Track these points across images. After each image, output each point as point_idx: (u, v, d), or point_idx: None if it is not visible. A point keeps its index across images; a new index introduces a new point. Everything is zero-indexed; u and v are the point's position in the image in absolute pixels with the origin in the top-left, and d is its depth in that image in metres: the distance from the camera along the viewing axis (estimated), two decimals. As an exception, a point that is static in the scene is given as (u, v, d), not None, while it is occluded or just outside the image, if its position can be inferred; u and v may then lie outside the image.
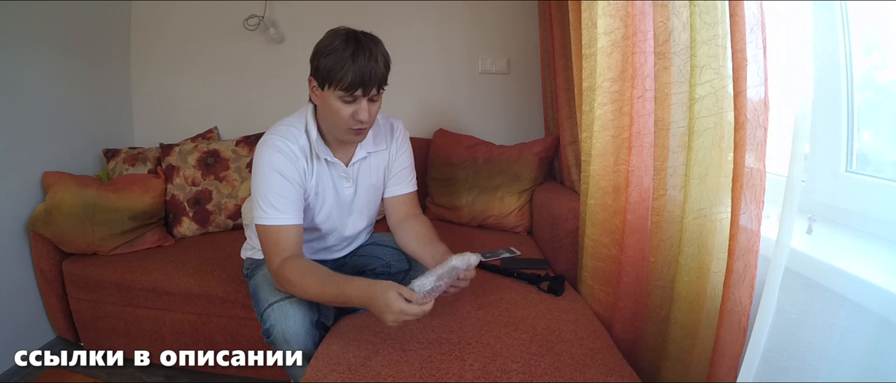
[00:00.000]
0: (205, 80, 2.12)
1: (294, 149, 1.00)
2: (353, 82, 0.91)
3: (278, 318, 0.97)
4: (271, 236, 0.98)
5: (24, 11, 1.57)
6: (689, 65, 0.83)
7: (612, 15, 0.99)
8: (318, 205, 1.08)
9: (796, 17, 1.04)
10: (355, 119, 0.96)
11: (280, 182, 0.98)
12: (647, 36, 0.93)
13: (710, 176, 0.84)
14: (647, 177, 0.98)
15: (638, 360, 1.08)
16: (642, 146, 0.97)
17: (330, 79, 0.92)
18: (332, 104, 0.95)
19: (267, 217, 0.97)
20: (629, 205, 1.00)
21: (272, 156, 0.98)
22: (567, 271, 1.35)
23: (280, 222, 0.97)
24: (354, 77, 0.90)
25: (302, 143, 1.02)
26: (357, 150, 1.09)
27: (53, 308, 1.58)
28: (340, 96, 0.93)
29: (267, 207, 0.97)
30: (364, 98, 0.94)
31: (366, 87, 0.92)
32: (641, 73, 0.94)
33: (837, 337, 0.67)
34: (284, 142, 1.00)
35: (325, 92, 0.95)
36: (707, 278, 0.85)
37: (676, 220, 0.92)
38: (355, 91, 0.92)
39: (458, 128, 2.04)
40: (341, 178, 1.09)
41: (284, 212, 0.98)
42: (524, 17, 1.98)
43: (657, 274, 0.98)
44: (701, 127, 0.83)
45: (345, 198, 1.12)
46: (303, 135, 1.03)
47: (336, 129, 1.00)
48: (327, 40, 0.94)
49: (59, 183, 1.58)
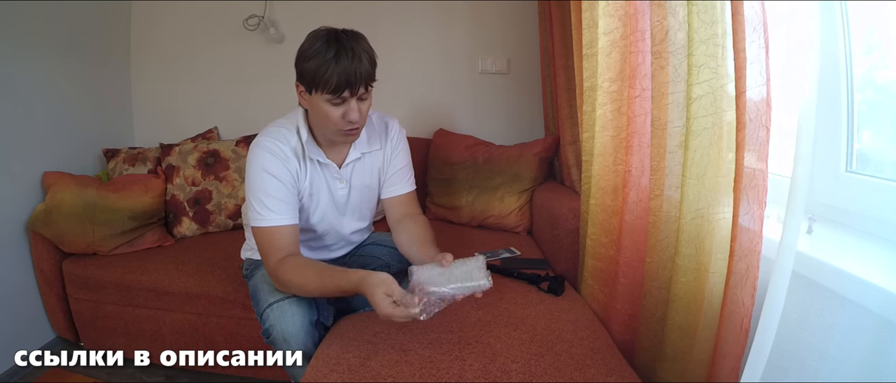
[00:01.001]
0: (205, 80, 2.12)
1: (285, 150, 1.00)
2: (339, 84, 0.90)
3: (277, 318, 0.96)
4: (267, 237, 0.98)
5: (24, 11, 1.57)
6: (686, 64, 0.83)
7: (611, 15, 0.99)
8: (312, 207, 1.08)
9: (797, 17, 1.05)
10: (346, 120, 0.95)
11: (272, 183, 0.98)
12: (644, 35, 0.93)
13: (708, 176, 0.84)
14: (644, 178, 0.98)
15: (634, 361, 1.08)
16: (640, 146, 0.97)
17: (316, 83, 0.91)
18: (321, 108, 0.94)
19: (261, 218, 0.98)
20: (627, 205, 1.00)
21: (263, 157, 0.98)
22: (567, 271, 1.35)
23: (275, 223, 0.98)
24: (340, 79, 0.89)
25: (293, 144, 1.02)
26: (350, 151, 1.09)
27: (53, 308, 1.58)
28: (328, 99, 0.93)
29: (260, 209, 0.97)
30: (352, 98, 0.94)
31: (353, 87, 0.91)
32: (639, 73, 0.94)
33: (838, 338, 0.67)
34: (275, 143, 0.99)
35: (313, 96, 0.94)
36: (705, 279, 0.85)
37: (673, 221, 0.92)
38: (342, 92, 0.91)
39: (458, 128, 2.04)
40: (335, 180, 1.09)
41: (278, 213, 0.98)
42: (524, 17, 1.98)
43: (653, 274, 0.98)
44: (698, 126, 0.82)
45: (339, 198, 1.12)
46: (294, 136, 1.02)
47: (328, 132, 1.00)
48: (308, 43, 0.93)
49: (59, 183, 1.58)
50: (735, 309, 0.79)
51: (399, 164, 1.16)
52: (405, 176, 1.17)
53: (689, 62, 0.82)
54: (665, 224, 0.94)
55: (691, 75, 0.82)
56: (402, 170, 1.16)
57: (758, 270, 0.78)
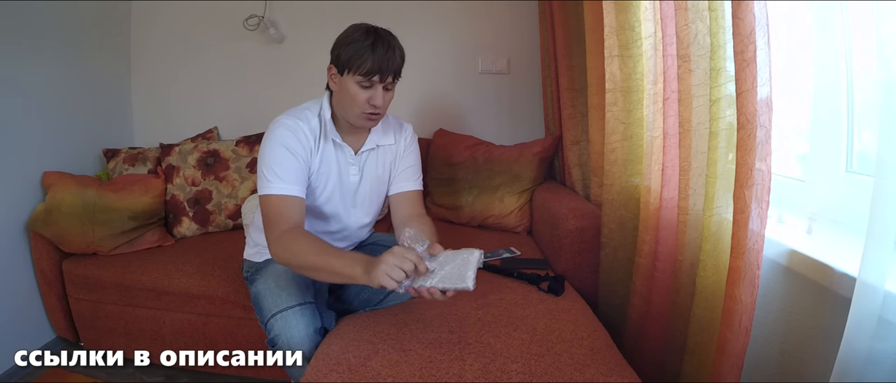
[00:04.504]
0: (205, 80, 2.12)
1: (304, 128, 1.04)
2: (372, 69, 0.97)
3: (283, 328, 0.98)
4: (275, 205, 0.99)
5: (24, 11, 1.56)
6: (709, 67, 0.87)
7: (649, 19, 1.08)
8: (321, 185, 1.10)
9: (797, 17, 1.05)
10: (371, 104, 1.01)
11: (286, 155, 1.01)
12: (672, 39, 0.97)
13: (726, 176, 0.87)
14: (675, 177, 1.02)
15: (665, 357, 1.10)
16: (671, 146, 1.02)
17: (350, 65, 0.98)
18: (350, 88, 1.00)
19: (270, 186, 1.00)
20: (663, 202, 1.05)
21: (281, 133, 1.02)
22: (567, 271, 1.35)
23: (283, 191, 1.00)
24: (373, 64, 0.97)
25: (313, 125, 1.07)
26: (367, 140, 1.12)
27: (53, 308, 1.58)
28: (359, 81, 0.99)
29: (271, 177, 1.00)
30: (380, 85, 1.00)
31: (383, 74, 0.98)
32: (669, 76, 0.99)
33: (837, 337, 0.67)
34: (295, 121, 1.04)
35: (345, 77, 1.00)
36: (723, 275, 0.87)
37: (698, 219, 0.96)
38: (373, 76, 0.98)
39: (458, 128, 2.04)
40: (348, 164, 1.12)
41: (287, 182, 1.00)
42: (524, 17, 1.98)
43: (687, 271, 1.01)
44: (718, 128, 0.86)
45: (349, 183, 1.13)
46: (315, 117, 1.08)
47: (351, 114, 1.04)
48: (349, 32, 1.01)
49: (59, 183, 1.58)
50: (735, 307, 0.80)
51: (409, 162, 1.18)
52: (414, 174, 1.19)
53: (712, 65, 0.86)
54: (694, 221, 0.98)
55: (713, 78, 0.85)
56: (411, 167, 1.18)
57: (758, 269, 0.78)
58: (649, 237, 1.10)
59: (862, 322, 0.65)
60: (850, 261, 0.75)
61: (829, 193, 0.97)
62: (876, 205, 0.63)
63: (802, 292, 0.88)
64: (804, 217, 0.97)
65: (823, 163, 0.98)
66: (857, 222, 0.87)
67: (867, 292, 0.64)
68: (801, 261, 0.85)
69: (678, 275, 1.03)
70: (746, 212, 0.76)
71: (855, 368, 0.66)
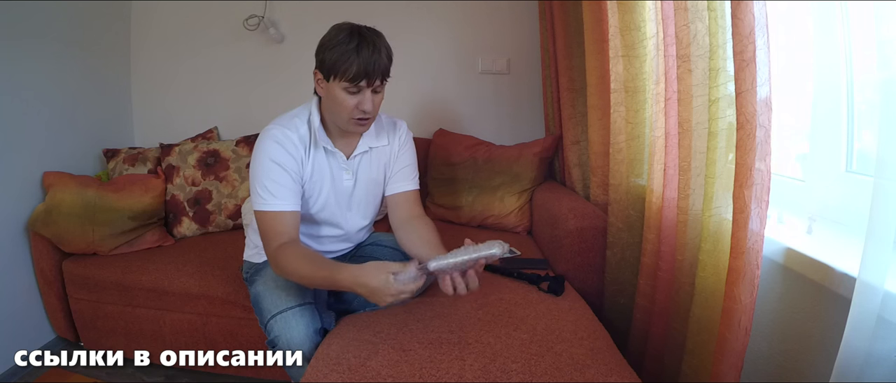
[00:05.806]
0: (205, 79, 2.12)
1: (293, 137, 1.03)
2: (358, 73, 0.94)
3: (283, 329, 0.98)
4: (269, 221, 1.00)
5: (24, 11, 1.57)
6: (708, 67, 0.87)
7: (652, 19, 1.08)
8: (314, 194, 1.10)
9: (797, 17, 1.05)
10: (359, 109, 0.99)
11: (277, 171, 1.01)
12: (672, 40, 0.97)
13: (725, 176, 0.87)
14: (675, 176, 1.02)
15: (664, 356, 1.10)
16: (673, 147, 1.02)
17: (335, 70, 0.95)
18: (337, 95, 0.98)
19: (264, 203, 1.00)
20: (665, 201, 1.05)
21: (270, 147, 1.01)
22: (567, 271, 1.34)
23: (276, 208, 1.00)
24: (359, 68, 0.94)
25: (302, 133, 1.05)
26: (359, 144, 1.11)
27: (53, 308, 1.58)
28: (345, 87, 0.96)
29: (264, 194, 1.00)
30: (368, 89, 0.98)
31: (370, 77, 0.96)
32: (670, 76, 0.99)
33: (837, 337, 0.67)
34: (283, 131, 1.03)
35: (331, 83, 0.98)
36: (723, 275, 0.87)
37: (697, 219, 0.96)
38: (360, 81, 0.95)
39: (458, 128, 2.04)
40: (341, 169, 1.11)
41: (280, 198, 1.01)
42: (524, 17, 1.98)
43: (686, 271, 1.01)
44: (717, 128, 0.86)
45: (343, 189, 1.12)
46: (304, 125, 1.06)
47: (340, 120, 1.02)
48: (332, 34, 0.98)
49: (59, 183, 1.58)
50: (734, 306, 0.80)
51: (405, 161, 1.17)
52: (410, 173, 1.18)
53: (711, 65, 0.86)
54: (693, 221, 0.98)
55: (712, 78, 0.86)
56: (407, 167, 1.17)
57: (758, 269, 0.78)
58: (652, 236, 1.10)
59: (862, 322, 0.65)
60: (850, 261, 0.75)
61: (828, 193, 0.97)
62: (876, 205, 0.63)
63: (802, 292, 0.88)
64: (804, 217, 0.97)
65: (823, 163, 0.98)
66: (857, 222, 0.87)
67: (867, 292, 0.64)
68: (801, 261, 0.85)
69: (678, 275, 1.03)
70: (746, 212, 0.76)
71: (854, 368, 0.66)
